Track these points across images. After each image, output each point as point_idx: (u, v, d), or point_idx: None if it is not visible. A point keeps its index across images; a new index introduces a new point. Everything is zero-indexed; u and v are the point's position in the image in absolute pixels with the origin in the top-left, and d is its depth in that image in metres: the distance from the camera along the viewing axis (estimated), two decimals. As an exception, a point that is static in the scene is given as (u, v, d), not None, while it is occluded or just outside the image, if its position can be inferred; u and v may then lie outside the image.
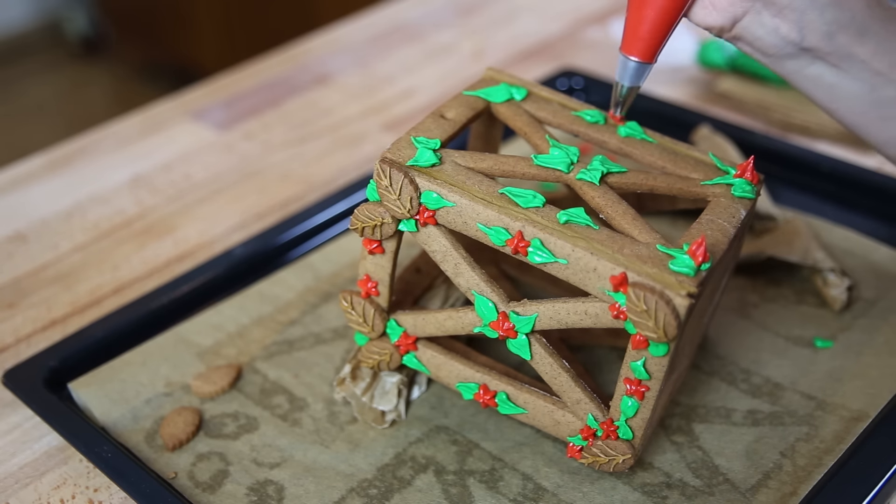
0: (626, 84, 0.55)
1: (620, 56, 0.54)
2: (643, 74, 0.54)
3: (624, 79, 0.54)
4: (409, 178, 0.50)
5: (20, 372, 0.61)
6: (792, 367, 0.62)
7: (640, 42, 0.53)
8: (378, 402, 0.59)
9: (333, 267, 0.71)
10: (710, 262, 0.47)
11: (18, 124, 2.43)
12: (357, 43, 1.08)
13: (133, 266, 0.75)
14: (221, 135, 0.91)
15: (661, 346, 0.47)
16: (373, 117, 0.94)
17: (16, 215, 0.81)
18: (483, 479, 0.56)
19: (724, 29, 0.51)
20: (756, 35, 0.50)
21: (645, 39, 0.53)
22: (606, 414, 0.53)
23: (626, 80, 0.54)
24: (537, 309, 0.51)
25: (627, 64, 0.54)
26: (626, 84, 0.55)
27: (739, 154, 0.78)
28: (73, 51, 2.79)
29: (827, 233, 0.72)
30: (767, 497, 0.54)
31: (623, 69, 0.54)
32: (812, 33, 0.48)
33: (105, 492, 0.57)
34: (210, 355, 0.64)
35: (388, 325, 0.57)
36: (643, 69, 0.54)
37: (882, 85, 0.49)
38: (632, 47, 0.53)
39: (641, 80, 0.55)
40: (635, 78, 0.54)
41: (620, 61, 0.54)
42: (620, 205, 0.51)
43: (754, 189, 0.53)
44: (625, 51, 0.54)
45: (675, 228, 0.73)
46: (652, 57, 0.54)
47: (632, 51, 0.53)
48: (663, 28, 0.52)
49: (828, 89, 0.51)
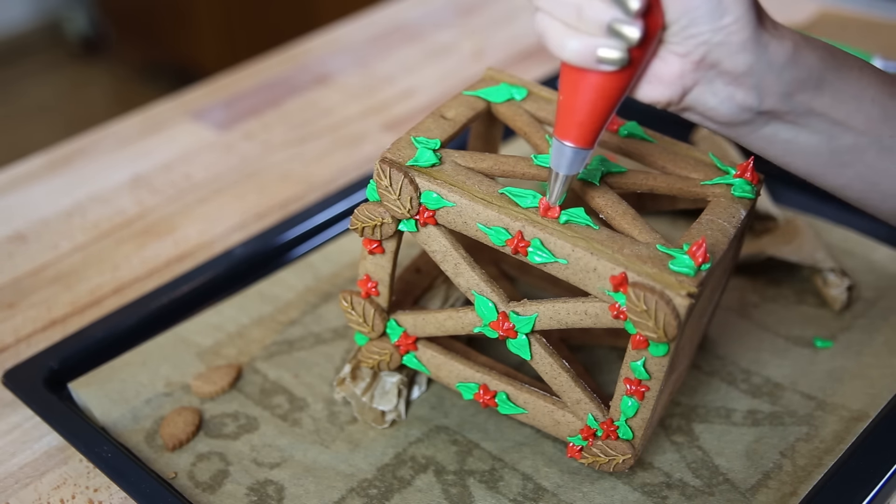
0: (563, 172, 0.47)
1: (555, 141, 0.47)
2: (582, 160, 0.47)
3: (560, 166, 0.47)
4: (409, 178, 0.50)
5: (20, 372, 0.61)
6: (792, 367, 0.62)
7: (578, 128, 0.46)
8: (378, 402, 0.59)
9: (333, 267, 0.71)
10: (710, 263, 0.47)
11: (18, 124, 2.43)
12: (357, 43, 1.08)
13: (133, 266, 0.75)
14: (221, 135, 0.91)
15: (661, 346, 0.47)
16: (373, 117, 0.94)
17: (16, 215, 0.81)
18: (483, 479, 0.56)
19: (671, 102, 0.46)
20: (709, 105, 0.46)
21: (583, 125, 0.45)
22: (606, 414, 0.53)
23: (563, 169, 0.47)
24: (537, 309, 0.51)
25: (563, 150, 0.47)
26: (563, 172, 0.47)
27: (739, 154, 0.78)
28: (73, 51, 2.79)
29: (827, 233, 0.72)
30: (767, 497, 0.54)
31: (559, 156, 0.47)
32: (770, 97, 0.45)
33: (105, 492, 0.57)
34: (210, 355, 0.64)
35: (388, 325, 0.57)
36: (581, 154, 0.47)
37: (840, 134, 0.48)
38: (567, 133, 0.46)
39: (580, 167, 0.48)
40: (573, 165, 0.47)
41: (555, 147, 0.47)
42: (620, 205, 0.51)
43: (754, 189, 0.53)
44: (560, 136, 0.46)
45: (675, 228, 0.73)
46: (591, 143, 0.46)
47: (568, 137, 0.46)
48: (604, 114, 0.45)
49: (783, 145, 0.49)
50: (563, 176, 0.48)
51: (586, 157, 0.47)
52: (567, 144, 0.46)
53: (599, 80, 0.43)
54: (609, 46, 0.42)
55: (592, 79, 0.43)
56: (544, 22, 0.43)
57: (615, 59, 0.42)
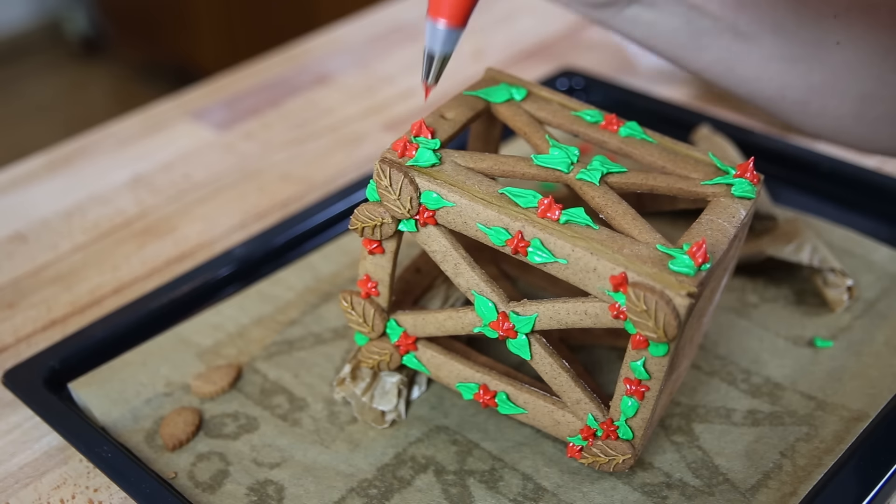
0: (437, 52, 0.49)
1: (428, 21, 0.49)
2: (454, 40, 0.49)
3: (434, 46, 0.49)
4: (409, 179, 0.50)
5: (20, 372, 0.61)
6: (792, 367, 0.62)
7: (449, 6, 0.47)
8: (378, 402, 0.59)
9: (333, 267, 0.71)
10: (710, 263, 0.47)
11: (18, 124, 2.43)
12: (357, 43, 1.08)
13: (133, 266, 0.75)
14: (221, 135, 0.91)
15: (661, 346, 0.48)
16: (373, 117, 0.94)
17: (16, 215, 0.81)
18: (483, 479, 0.56)
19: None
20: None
21: (454, 3, 0.47)
22: (606, 414, 0.53)
23: (437, 49, 0.49)
24: (537, 309, 0.51)
25: (436, 30, 0.49)
26: (437, 52, 0.49)
27: (739, 154, 0.78)
28: (73, 51, 2.79)
29: (827, 233, 0.72)
30: (767, 497, 0.54)
31: (433, 35, 0.49)
32: None
33: (105, 492, 0.57)
34: (210, 355, 0.64)
35: (388, 325, 0.57)
36: (454, 34, 0.49)
37: (697, 17, 0.51)
38: (440, 11, 0.48)
39: (453, 46, 0.49)
40: (446, 44, 0.49)
41: (429, 27, 0.49)
42: (620, 205, 0.51)
43: (754, 189, 0.53)
44: (432, 14, 0.48)
45: (675, 228, 0.73)
46: (463, 21, 0.48)
47: (440, 14, 0.48)
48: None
49: (645, 27, 0.52)
50: (437, 57, 0.49)
51: (458, 36, 0.49)
52: (440, 24, 0.48)
53: None
54: None
55: None
56: None
57: None
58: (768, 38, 0.52)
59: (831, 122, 0.57)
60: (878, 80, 0.54)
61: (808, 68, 0.53)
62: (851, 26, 0.53)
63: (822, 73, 0.54)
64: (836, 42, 0.53)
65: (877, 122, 0.56)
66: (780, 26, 0.52)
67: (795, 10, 0.52)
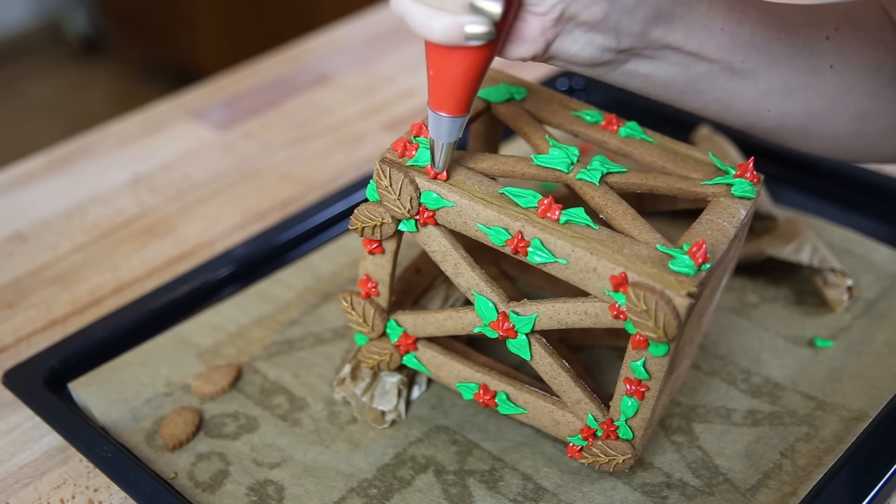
0: (442, 141, 0.49)
1: (430, 112, 0.48)
2: (460, 127, 0.49)
3: (440, 136, 0.49)
4: (409, 178, 0.50)
5: (20, 372, 0.61)
6: (792, 367, 0.62)
7: (452, 99, 0.47)
8: (378, 402, 0.59)
9: (333, 267, 0.71)
10: (710, 263, 0.47)
11: (18, 124, 2.43)
12: (357, 43, 1.08)
13: (133, 266, 0.75)
14: (221, 135, 0.91)
15: (661, 346, 0.47)
16: (373, 117, 0.94)
17: (16, 215, 0.81)
18: (483, 479, 0.56)
19: (536, 56, 0.49)
20: (571, 52, 0.48)
21: (456, 96, 0.47)
22: (606, 414, 0.53)
23: (443, 138, 0.49)
24: (537, 309, 0.51)
25: (440, 121, 0.48)
26: (442, 141, 0.49)
27: (739, 154, 0.78)
28: (73, 51, 2.79)
29: (827, 233, 0.72)
30: (767, 497, 0.54)
31: (437, 126, 0.49)
32: (626, 37, 0.48)
33: (105, 492, 0.57)
34: (210, 355, 0.64)
35: (388, 325, 0.57)
36: (458, 122, 0.48)
37: (694, 63, 0.51)
38: (442, 105, 0.48)
39: (458, 133, 0.49)
40: (452, 133, 0.49)
41: (432, 118, 0.49)
42: (620, 205, 0.51)
43: (754, 189, 0.53)
44: (434, 108, 0.48)
45: (675, 228, 0.73)
46: (466, 110, 0.48)
47: (443, 108, 0.48)
48: (474, 82, 0.47)
49: (643, 79, 0.52)
50: (443, 144, 0.49)
51: (463, 123, 0.49)
52: (443, 115, 0.48)
53: (467, 54, 0.45)
54: (475, 23, 0.43)
55: (460, 54, 0.45)
56: (405, 4, 0.44)
57: (482, 34, 0.43)
58: (763, 72, 0.52)
59: (830, 143, 0.57)
60: (872, 96, 0.55)
61: (804, 96, 0.54)
62: (842, 48, 0.54)
63: (819, 98, 0.54)
64: (830, 66, 0.54)
65: (874, 136, 0.57)
66: (775, 58, 0.52)
67: (789, 40, 0.53)
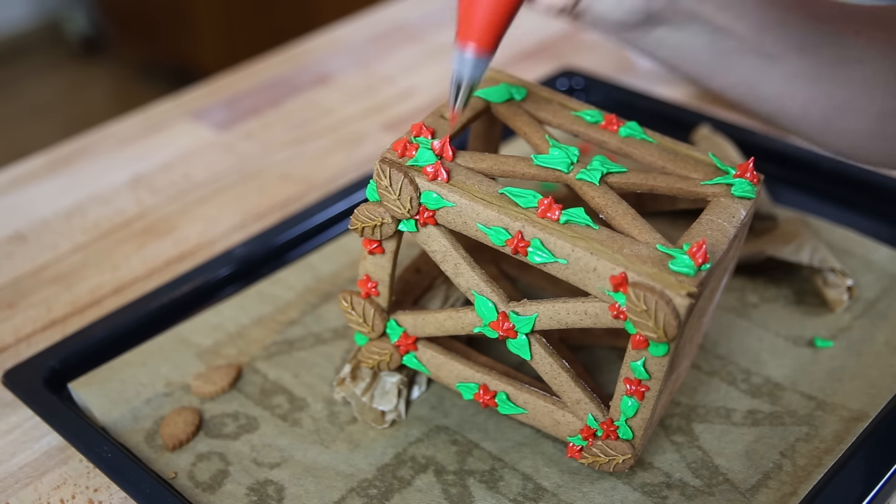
0: (465, 79, 0.50)
1: (456, 50, 0.49)
2: (483, 68, 0.50)
3: (463, 73, 0.50)
4: (409, 178, 0.50)
5: (20, 372, 0.61)
6: (792, 367, 0.62)
7: (480, 31, 0.47)
8: (378, 402, 0.59)
9: (333, 267, 0.71)
10: (710, 263, 0.47)
11: (18, 124, 2.43)
12: (357, 43, 1.08)
13: (133, 266, 0.75)
14: (221, 135, 0.91)
15: (661, 346, 0.48)
16: (373, 117, 0.94)
17: (16, 215, 0.81)
18: (483, 479, 0.56)
19: (566, 8, 0.49)
20: (600, 11, 0.49)
21: (484, 29, 0.47)
22: (606, 414, 0.53)
23: (466, 74, 0.49)
24: (537, 309, 0.51)
25: (465, 57, 0.49)
26: (465, 79, 0.50)
27: (739, 154, 0.78)
28: (73, 51, 2.79)
29: (827, 233, 0.72)
30: (767, 497, 0.54)
31: (461, 64, 0.49)
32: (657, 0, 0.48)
33: (105, 492, 0.57)
34: (210, 355, 0.64)
35: (388, 325, 0.57)
36: (482, 63, 0.49)
37: (723, 38, 0.51)
38: (469, 36, 0.48)
39: (481, 74, 0.50)
40: (475, 71, 0.49)
41: (457, 55, 0.49)
42: (620, 205, 0.51)
43: (754, 189, 0.53)
44: (461, 40, 0.48)
45: (675, 228, 0.73)
46: (492, 48, 0.48)
47: (470, 39, 0.48)
48: (504, 17, 0.47)
49: (671, 48, 0.52)
50: (465, 85, 0.49)
51: (486, 65, 0.49)
52: (468, 51, 0.48)
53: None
54: None
55: None
56: None
57: None
58: (793, 57, 0.52)
59: (851, 140, 0.57)
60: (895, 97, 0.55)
61: (830, 87, 0.54)
62: (871, 43, 0.54)
63: (844, 91, 0.54)
64: (858, 60, 0.54)
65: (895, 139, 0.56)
66: (805, 45, 0.52)
67: (820, 28, 0.53)
